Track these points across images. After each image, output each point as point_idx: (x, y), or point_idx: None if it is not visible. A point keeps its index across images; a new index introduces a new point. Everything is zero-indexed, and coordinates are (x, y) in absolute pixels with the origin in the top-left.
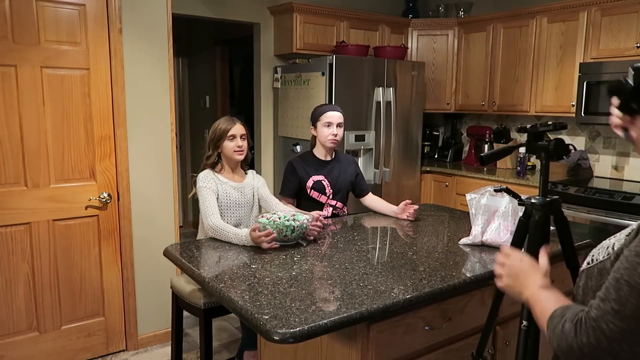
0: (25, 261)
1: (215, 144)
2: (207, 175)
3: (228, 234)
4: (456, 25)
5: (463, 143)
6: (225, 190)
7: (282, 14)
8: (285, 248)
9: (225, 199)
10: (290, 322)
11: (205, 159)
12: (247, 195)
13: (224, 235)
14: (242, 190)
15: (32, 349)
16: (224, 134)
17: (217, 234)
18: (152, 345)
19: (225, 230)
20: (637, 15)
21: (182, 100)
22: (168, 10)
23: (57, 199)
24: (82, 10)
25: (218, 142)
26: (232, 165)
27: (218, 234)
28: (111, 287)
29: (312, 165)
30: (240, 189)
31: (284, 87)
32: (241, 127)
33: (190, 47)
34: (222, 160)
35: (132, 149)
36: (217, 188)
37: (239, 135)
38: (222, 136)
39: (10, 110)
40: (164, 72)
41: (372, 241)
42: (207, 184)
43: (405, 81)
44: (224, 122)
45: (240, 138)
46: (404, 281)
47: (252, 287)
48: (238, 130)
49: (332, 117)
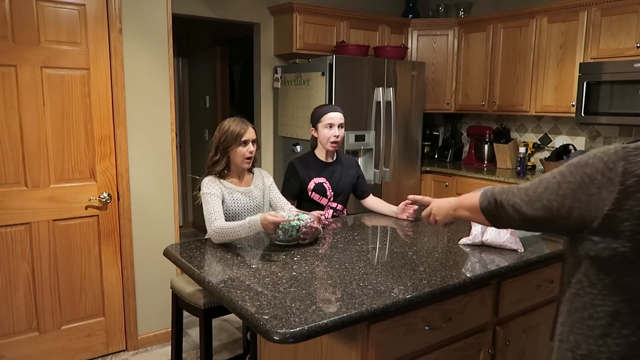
0: (25, 261)
1: (224, 149)
2: (211, 181)
3: (235, 229)
4: (456, 25)
5: (463, 143)
6: (232, 197)
7: (282, 14)
8: (285, 248)
9: (233, 206)
10: (290, 322)
11: (212, 165)
12: (256, 199)
13: (232, 233)
14: (250, 195)
15: (32, 349)
16: (237, 138)
17: (223, 236)
18: (152, 345)
19: (230, 228)
20: (637, 15)
21: (182, 100)
22: (168, 10)
23: (57, 199)
24: (82, 10)
25: (228, 146)
26: (239, 170)
27: (225, 235)
28: (111, 287)
29: (313, 167)
30: (248, 194)
31: (284, 87)
32: (253, 131)
33: (190, 47)
34: (230, 166)
35: (132, 149)
36: (224, 194)
37: (251, 140)
38: (234, 141)
39: (10, 110)
40: (164, 72)
41: (372, 241)
42: (212, 190)
43: (405, 81)
44: (235, 125)
45: (252, 143)
46: (404, 281)
47: (252, 287)
48: (251, 134)
49: (334, 118)
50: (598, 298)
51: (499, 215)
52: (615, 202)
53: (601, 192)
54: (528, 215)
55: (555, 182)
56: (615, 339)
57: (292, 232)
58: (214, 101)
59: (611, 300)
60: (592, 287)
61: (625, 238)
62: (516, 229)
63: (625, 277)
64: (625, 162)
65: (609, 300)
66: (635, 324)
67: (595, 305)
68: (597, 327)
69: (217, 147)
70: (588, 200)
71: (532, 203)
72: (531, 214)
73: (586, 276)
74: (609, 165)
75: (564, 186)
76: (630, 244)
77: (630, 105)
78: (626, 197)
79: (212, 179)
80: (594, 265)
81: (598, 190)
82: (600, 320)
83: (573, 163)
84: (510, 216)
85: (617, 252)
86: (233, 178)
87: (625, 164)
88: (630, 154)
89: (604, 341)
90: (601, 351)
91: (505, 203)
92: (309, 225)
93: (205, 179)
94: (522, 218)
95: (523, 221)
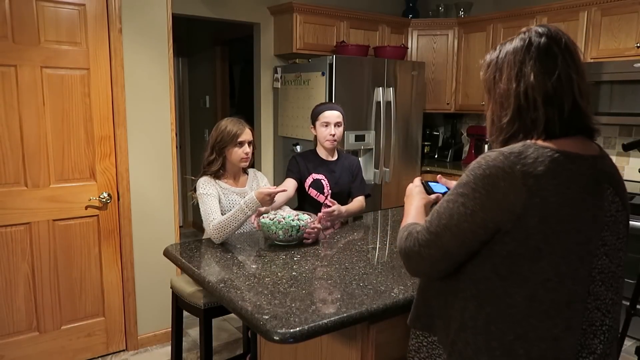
0: (25, 261)
1: (220, 149)
2: (207, 181)
3: (233, 216)
4: (456, 25)
5: (463, 143)
6: (228, 198)
7: (282, 14)
8: (285, 248)
9: (228, 206)
10: (290, 322)
11: (207, 165)
12: None
13: (231, 222)
14: (245, 196)
15: (32, 349)
16: (233, 139)
17: (224, 229)
18: (152, 345)
19: (228, 218)
20: (637, 15)
21: (182, 100)
22: (168, 10)
23: (57, 199)
24: (82, 10)
25: (224, 147)
26: (235, 170)
27: (225, 227)
28: (111, 287)
29: (313, 164)
30: (244, 195)
31: (284, 87)
32: (250, 132)
33: (190, 47)
34: (225, 166)
35: (132, 149)
36: (219, 194)
37: (247, 141)
38: (230, 141)
39: (10, 110)
40: (164, 72)
41: (372, 241)
42: (208, 190)
43: (405, 81)
44: (232, 125)
45: (248, 144)
46: (404, 281)
47: (252, 287)
48: (247, 136)
49: (330, 116)
50: (512, 287)
51: (409, 265)
52: (523, 202)
53: (508, 196)
54: (439, 253)
55: (457, 205)
56: (537, 317)
57: (292, 232)
58: (214, 101)
59: (527, 287)
60: (503, 280)
61: (536, 232)
62: (428, 272)
63: (537, 263)
64: (520, 165)
65: (525, 287)
66: (550, 299)
67: (511, 294)
68: (519, 312)
69: (213, 147)
70: (498, 207)
71: (439, 237)
72: (440, 248)
73: (495, 273)
74: (507, 170)
75: (469, 204)
76: (540, 235)
77: (630, 105)
78: (531, 196)
79: (207, 179)
80: (505, 261)
81: (504, 196)
82: (519, 306)
83: (468, 181)
84: (420, 263)
85: (530, 246)
86: (228, 179)
87: (521, 167)
88: (520, 157)
89: (527, 322)
90: (529, 330)
91: (410, 252)
92: (312, 225)
93: (201, 180)
94: (431, 259)
95: (434, 262)
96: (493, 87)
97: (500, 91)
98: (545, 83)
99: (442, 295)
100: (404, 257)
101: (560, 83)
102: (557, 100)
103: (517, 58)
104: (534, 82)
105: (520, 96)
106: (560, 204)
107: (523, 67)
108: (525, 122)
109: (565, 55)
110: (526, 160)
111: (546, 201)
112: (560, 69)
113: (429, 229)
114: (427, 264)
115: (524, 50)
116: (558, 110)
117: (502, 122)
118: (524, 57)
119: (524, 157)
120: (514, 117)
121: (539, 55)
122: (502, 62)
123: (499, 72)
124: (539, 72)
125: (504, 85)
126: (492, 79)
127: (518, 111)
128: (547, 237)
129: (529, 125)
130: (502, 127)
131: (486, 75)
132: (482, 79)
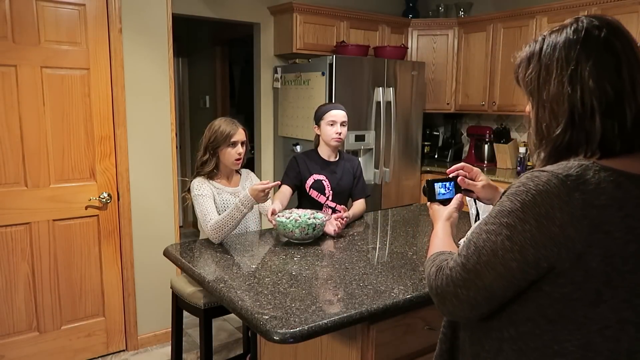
0: (25, 261)
1: (213, 149)
2: (201, 182)
3: (230, 215)
4: (456, 25)
5: (463, 143)
6: (222, 198)
7: (282, 14)
8: (285, 248)
9: (222, 206)
10: (290, 322)
11: (201, 165)
12: None
13: (228, 221)
14: (238, 195)
15: (32, 349)
16: (226, 139)
17: (222, 229)
18: (152, 345)
19: (225, 217)
20: (637, 15)
21: (182, 100)
22: (168, 10)
23: (57, 199)
24: (82, 10)
25: (217, 147)
26: (228, 170)
27: (223, 227)
28: (111, 287)
29: (315, 164)
30: (237, 194)
31: (284, 87)
32: (243, 132)
33: (190, 47)
34: (219, 166)
35: (132, 149)
36: (214, 194)
37: (240, 141)
38: (223, 141)
39: (10, 110)
40: (164, 72)
41: (372, 241)
42: (203, 191)
43: (405, 81)
44: (225, 125)
45: (241, 145)
46: (404, 281)
47: (252, 287)
48: (241, 136)
49: (336, 115)
50: (563, 334)
51: (444, 307)
52: (585, 238)
53: (566, 231)
54: (480, 296)
55: (502, 239)
56: None
57: (308, 231)
58: (214, 101)
59: (580, 334)
60: (551, 324)
61: (598, 273)
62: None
63: (596, 308)
64: (579, 192)
65: (578, 334)
66: (609, 349)
67: (561, 341)
68: None
69: (206, 147)
70: (553, 243)
71: (480, 277)
72: (483, 290)
73: (541, 315)
74: (564, 198)
75: (517, 239)
76: (603, 277)
77: None
78: (594, 231)
79: (201, 180)
80: (556, 304)
81: (561, 230)
82: (570, 356)
83: (513, 209)
84: (457, 306)
85: (588, 289)
86: (222, 179)
87: (581, 195)
88: (579, 182)
89: None
90: None
91: (444, 293)
92: (337, 216)
93: (195, 181)
94: (471, 302)
95: (475, 305)
96: (537, 88)
97: (550, 95)
98: (606, 88)
99: (469, 328)
100: (437, 298)
101: (624, 87)
102: (619, 109)
103: (571, 54)
104: (593, 87)
105: (577, 103)
106: (627, 240)
107: (579, 67)
108: (578, 134)
109: (627, 52)
110: (586, 186)
111: (611, 237)
112: (624, 71)
113: (466, 265)
114: (467, 307)
115: (579, 44)
116: (618, 121)
117: (553, 132)
118: (579, 54)
119: (583, 183)
120: (567, 127)
121: (599, 53)
122: (549, 58)
123: (545, 71)
124: (599, 74)
125: (555, 88)
126: (536, 79)
127: (571, 120)
128: (611, 279)
129: (582, 138)
130: (552, 138)
131: (526, 74)
132: (519, 78)
